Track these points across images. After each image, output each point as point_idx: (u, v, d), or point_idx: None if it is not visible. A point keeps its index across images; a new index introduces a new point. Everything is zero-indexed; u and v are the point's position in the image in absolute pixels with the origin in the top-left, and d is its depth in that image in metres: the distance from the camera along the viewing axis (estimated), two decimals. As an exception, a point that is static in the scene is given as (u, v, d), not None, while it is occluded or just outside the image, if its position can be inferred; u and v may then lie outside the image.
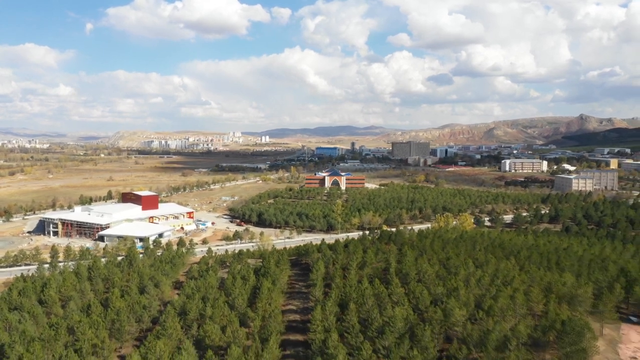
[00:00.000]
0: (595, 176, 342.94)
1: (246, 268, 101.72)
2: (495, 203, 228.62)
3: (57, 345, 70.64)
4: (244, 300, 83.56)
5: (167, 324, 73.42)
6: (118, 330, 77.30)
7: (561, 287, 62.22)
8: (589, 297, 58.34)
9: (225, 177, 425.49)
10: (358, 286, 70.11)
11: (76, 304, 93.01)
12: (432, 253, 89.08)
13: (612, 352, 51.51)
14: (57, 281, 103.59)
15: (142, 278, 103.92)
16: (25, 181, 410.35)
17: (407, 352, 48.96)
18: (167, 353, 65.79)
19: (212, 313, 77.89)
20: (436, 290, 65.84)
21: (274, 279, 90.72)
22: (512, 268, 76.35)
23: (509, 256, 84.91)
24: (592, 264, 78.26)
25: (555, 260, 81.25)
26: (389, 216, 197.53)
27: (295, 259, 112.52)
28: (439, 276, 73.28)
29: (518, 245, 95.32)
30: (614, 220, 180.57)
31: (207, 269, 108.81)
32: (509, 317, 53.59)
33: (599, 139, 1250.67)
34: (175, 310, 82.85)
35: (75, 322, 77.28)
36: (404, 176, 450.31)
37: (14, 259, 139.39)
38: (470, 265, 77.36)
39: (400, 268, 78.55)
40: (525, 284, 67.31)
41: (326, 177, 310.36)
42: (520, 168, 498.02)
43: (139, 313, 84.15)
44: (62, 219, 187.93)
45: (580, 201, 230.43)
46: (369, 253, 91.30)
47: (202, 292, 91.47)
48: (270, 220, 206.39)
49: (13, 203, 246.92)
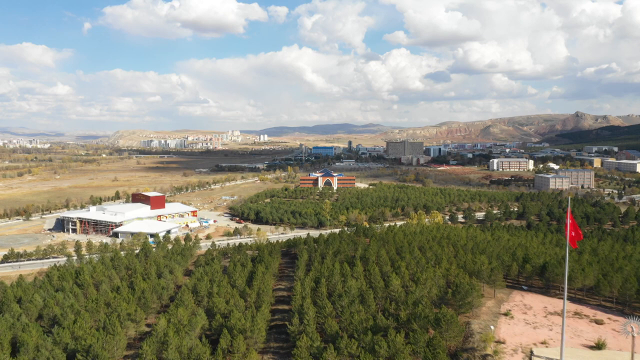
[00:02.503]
0: (572, 175, 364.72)
1: (244, 257, 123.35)
2: (472, 201, 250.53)
3: (99, 314, 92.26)
4: (243, 281, 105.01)
5: (184, 298, 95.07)
6: (144, 305, 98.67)
7: (472, 265, 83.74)
8: (487, 271, 79.63)
9: (225, 177, 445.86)
10: (330, 268, 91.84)
11: (107, 286, 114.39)
12: (393, 243, 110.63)
13: (496, 307, 72.94)
14: (88, 269, 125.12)
15: (159, 266, 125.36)
16: (34, 182, 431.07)
17: (356, 308, 70.60)
18: (186, 317, 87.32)
19: (217, 290, 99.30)
20: (384, 269, 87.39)
21: (267, 265, 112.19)
22: (448, 253, 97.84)
23: (449, 245, 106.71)
24: (508, 249, 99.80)
25: (483, 247, 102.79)
26: (373, 214, 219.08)
27: (286, 250, 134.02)
28: (391, 259, 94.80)
29: (462, 237, 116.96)
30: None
31: (212, 259, 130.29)
32: (429, 285, 74.79)
33: (592, 137, 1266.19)
34: (189, 289, 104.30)
35: (110, 298, 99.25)
36: (396, 175, 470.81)
37: (43, 252, 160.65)
38: (416, 251, 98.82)
39: (364, 254, 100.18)
40: (449, 263, 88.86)
41: (319, 178, 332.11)
42: (508, 167, 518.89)
43: (159, 292, 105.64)
44: (80, 217, 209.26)
45: (550, 199, 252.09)
46: (343, 244, 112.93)
47: (209, 276, 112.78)
48: (266, 218, 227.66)
49: (30, 203, 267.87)
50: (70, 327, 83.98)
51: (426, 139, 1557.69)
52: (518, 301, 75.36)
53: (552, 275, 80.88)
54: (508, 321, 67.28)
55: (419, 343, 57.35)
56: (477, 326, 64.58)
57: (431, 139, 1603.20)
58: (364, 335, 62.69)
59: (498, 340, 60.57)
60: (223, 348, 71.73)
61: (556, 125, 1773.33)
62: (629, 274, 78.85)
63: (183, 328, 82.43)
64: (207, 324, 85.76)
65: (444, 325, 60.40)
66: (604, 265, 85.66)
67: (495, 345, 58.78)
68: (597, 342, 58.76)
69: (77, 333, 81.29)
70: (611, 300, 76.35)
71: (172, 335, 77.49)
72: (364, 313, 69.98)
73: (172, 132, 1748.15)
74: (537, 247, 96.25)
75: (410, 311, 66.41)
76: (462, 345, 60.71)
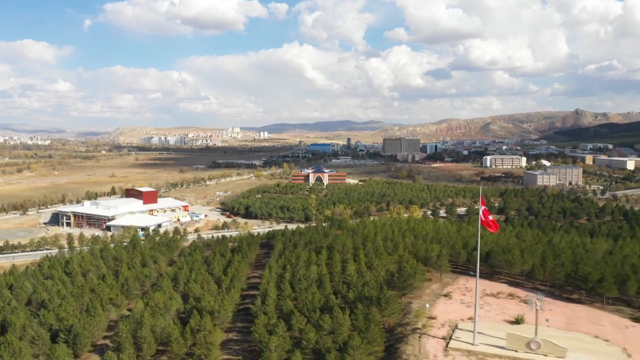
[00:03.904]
0: (561, 172, 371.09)
1: (225, 248, 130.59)
2: (456, 197, 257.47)
3: (83, 299, 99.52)
4: (219, 269, 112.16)
5: (163, 284, 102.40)
6: (127, 291, 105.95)
7: (424, 252, 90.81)
8: (435, 257, 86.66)
9: (221, 173, 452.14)
10: (298, 256, 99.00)
11: (94, 274, 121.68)
12: (361, 234, 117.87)
13: (440, 289, 80.00)
14: (77, 259, 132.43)
15: (144, 256, 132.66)
16: (33, 178, 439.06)
17: (312, 291, 77.75)
18: (162, 301, 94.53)
19: (195, 277, 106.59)
20: (346, 256, 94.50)
21: (244, 255, 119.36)
22: (407, 242, 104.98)
23: (412, 235, 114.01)
24: (463, 239, 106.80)
25: (440, 237, 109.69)
26: (358, 209, 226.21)
27: (266, 242, 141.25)
28: (355, 248, 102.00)
29: (426, 229, 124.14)
30: (549, 212, 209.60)
31: (195, 249, 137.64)
32: (380, 270, 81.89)
33: (590, 134, 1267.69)
34: (169, 276, 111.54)
35: (95, 284, 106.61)
36: (390, 172, 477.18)
37: (37, 244, 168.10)
38: (379, 240, 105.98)
39: (332, 244, 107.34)
40: (406, 251, 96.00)
41: (310, 174, 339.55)
42: (501, 164, 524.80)
43: (142, 279, 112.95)
44: (74, 211, 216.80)
45: (532, 195, 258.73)
46: (315, 235, 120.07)
47: (189, 265, 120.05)
48: (255, 212, 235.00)
49: (27, 198, 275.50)
50: (55, 310, 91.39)
51: (426, 136, 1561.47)
52: (461, 285, 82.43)
53: (495, 261, 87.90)
54: (446, 301, 74.35)
55: (359, 319, 64.40)
56: (416, 305, 71.65)
57: (431, 136, 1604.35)
58: (314, 313, 69.81)
59: (431, 316, 67.62)
60: (192, 327, 78.93)
61: (556, 122, 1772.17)
62: (566, 260, 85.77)
63: (159, 310, 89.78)
64: (182, 307, 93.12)
65: (383, 304, 67.52)
66: (548, 253, 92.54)
67: (426, 320, 65.84)
68: (517, 317, 65.82)
69: (61, 315, 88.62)
70: (545, 284, 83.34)
71: (147, 316, 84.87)
72: (318, 294, 77.12)
73: (173, 129, 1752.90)
74: (493, 237, 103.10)
75: (358, 292, 73.52)
76: (400, 321, 67.78)
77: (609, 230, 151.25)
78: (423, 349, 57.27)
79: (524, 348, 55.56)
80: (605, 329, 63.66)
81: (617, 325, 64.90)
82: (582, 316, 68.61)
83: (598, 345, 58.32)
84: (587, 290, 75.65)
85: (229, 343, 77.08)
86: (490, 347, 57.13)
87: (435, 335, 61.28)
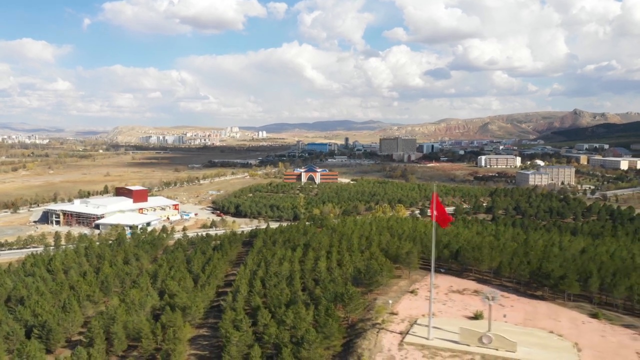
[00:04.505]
0: (553, 172, 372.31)
1: (206, 246, 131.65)
2: (445, 196, 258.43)
3: (61, 295, 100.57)
4: (199, 266, 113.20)
5: (141, 281, 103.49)
6: (106, 288, 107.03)
7: (395, 249, 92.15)
8: (404, 255, 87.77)
9: (215, 172, 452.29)
10: (273, 253, 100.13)
11: (75, 271, 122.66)
12: (340, 232, 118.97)
13: (407, 286, 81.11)
14: (60, 257, 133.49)
15: (127, 254, 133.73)
16: (27, 176, 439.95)
17: (281, 287, 78.87)
18: (138, 298, 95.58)
19: (173, 274, 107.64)
20: (320, 254, 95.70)
21: (224, 253, 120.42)
22: (381, 240, 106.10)
23: (387, 233, 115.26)
24: (437, 237, 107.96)
25: (415, 235, 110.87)
26: (347, 207, 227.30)
27: (249, 240, 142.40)
28: (331, 245, 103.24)
29: (404, 228, 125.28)
30: (536, 211, 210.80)
31: (177, 247, 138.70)
32: (349, 267, 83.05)
33: (588, 134, 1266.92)
34: (149, 274, 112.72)
35: (74, 281, 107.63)
36: (384, 172, 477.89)
37: (24, 242, 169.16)
38: (354, 238, 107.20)
39: (309, 242, 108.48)
40: (378, 247, 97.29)
41: (302, 173, 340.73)
42: (495, 164, 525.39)
43: (122, 277, 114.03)
44: (64, 210, 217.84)
45: (521, 195, 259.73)
46: (295, 233, 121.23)
47: (170, 263, 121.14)
48: (245, 211, 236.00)
49: (19, 197, 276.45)
50: (32, 306, 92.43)
51: (425, 136, 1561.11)
52: (429, 282, 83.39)
53: (464, 258, 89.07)
54: (411, 297, 75.49)
55: (321, 314, 65.53)
56: (380, 301, 72.76)
57: (429, 136, 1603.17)
58: (279, 309, 70.94)
59: (393, 312, 68.76)
60: (163, 323, 80.00)
61: (554, 122, 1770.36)
62: (533, 258, 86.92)
63: (134, 307, 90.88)
64: (157, 304, 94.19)
65: (347, 300, 68.66)
66: (519, 251, 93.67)
67: (388, 316, 66.99)
68: (476, 313, 66.96)
69: (37, 311, 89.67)
70: (512, 280, 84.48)
71: (121, 312, 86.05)
72: (287, 291, 78.25)
73: (171, 128, 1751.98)
74: (465, 235, 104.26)
75: (323, 289, 74.67)
76: (363, 317, 68.90)
77: (591, 229, 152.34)
78: (379, 343, 58.42)
79: (476, 342, 56.69)
80: (561, 324, 64.80)
81: (574, 321, 66.03)
82: (542, 312, 69.74)
83: (550, 340, 59.44)
84: (550, 287, 76.76)
85: (199, 339, 78.18)
86: (444, 341, 58.26)
87: (394, 331, 62.39)
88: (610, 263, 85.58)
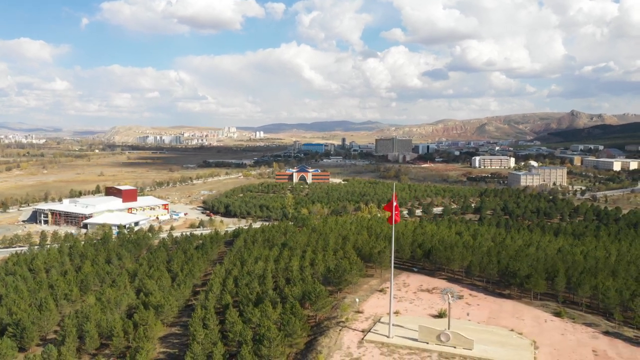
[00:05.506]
0: (545, 172, 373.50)
1: (188, 245, 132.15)
2: (435, 196, 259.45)
3: (40, 294, 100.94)
4: (178, 265, 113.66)
5: (118, 279, 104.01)
6: (85, 286, 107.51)
7: (368, 248, 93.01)
8: (376, 254, 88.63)
9: (209, 172, 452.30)
10: (250, 252, 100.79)
11: (57, 270, 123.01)
12: (319, 232, 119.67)
13: (378, 285, 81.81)
14: (43, 256, 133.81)
15: (110, 253, 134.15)
16: (21, 176, 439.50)
17: (253, 285, 79.58)
18: (115, 297, 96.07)
19: (152, 273, 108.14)
20: (296, 252, 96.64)
21: (205, 252, 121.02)
22: (357, 239, 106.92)
23: (366, 233, 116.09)
24: (412, 237, 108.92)
25: (396, 234, 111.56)
26: (336, 207, 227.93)
27: (232, 239, 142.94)
28: (308, 244, 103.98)
29: (382, 227, 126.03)
30: (524, 212, 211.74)
31: (161, 247, 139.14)
32: (320, 265, 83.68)
33: (584, 135, 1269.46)
34: (129, 273, 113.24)
35: (54, 280, 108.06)
36: (378, 172, 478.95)
37: (9, 241, 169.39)
38: (332, 236, 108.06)
39: (287, 241, 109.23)
40: (353, 247, 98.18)
41: (294, 173, 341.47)
42: (489, 164, 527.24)
43: (102, 276, 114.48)
44: (52, 209, 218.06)
45: (510, 195, 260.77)
46: (275, 232, 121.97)
47: (151, 262, 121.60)
48: (235, 211, 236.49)
49: (10, 196, 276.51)
50: (8, 304, 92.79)
51: (422, 136, 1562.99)
52: (401, 280, 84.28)
53: (436, 257, 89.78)
54: (379, 296, 76.14)
55: (287, 312, 66.13)
56: (349, 300, 73.43)
57: (427, 137, 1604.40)
58: (247, 307, 71.51)
59: (358, 310, 69.42)
60: (135, 321, 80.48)
61: (551, 123, 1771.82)
62: (504, 257, 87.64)
63: (109, 305, 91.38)
64: (134, 302, 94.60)
65: (313, 298, 69.28)
66: (493, 250, 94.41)
67: (353, 314, 67.64)
68: (440, 311, 67.63)
69: (13, 310, 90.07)
70: (482, 279, 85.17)
71: (95, 310, 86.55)
72: (258, 289, 78.87)
73: (169, 128, 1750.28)
74: (440, 234, 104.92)
75: (292, 288, 75.32)
76: (330, 315, 69.52)
77: (574, 230, 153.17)
78: (339, 341, 59.04)
79: (434, 340, 57.34)
80: (524, 322, 65.50)
81: (537, 320, 66.71)
82: (507, 310, 70.43)
83: (509, 338, 60.12)
84: (517, 285, 77.46)
85: (170, 337, 78.69)
86: (404, 339, 58.89)
87: (356, 329, 63.03)
88: (580, 262, 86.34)
